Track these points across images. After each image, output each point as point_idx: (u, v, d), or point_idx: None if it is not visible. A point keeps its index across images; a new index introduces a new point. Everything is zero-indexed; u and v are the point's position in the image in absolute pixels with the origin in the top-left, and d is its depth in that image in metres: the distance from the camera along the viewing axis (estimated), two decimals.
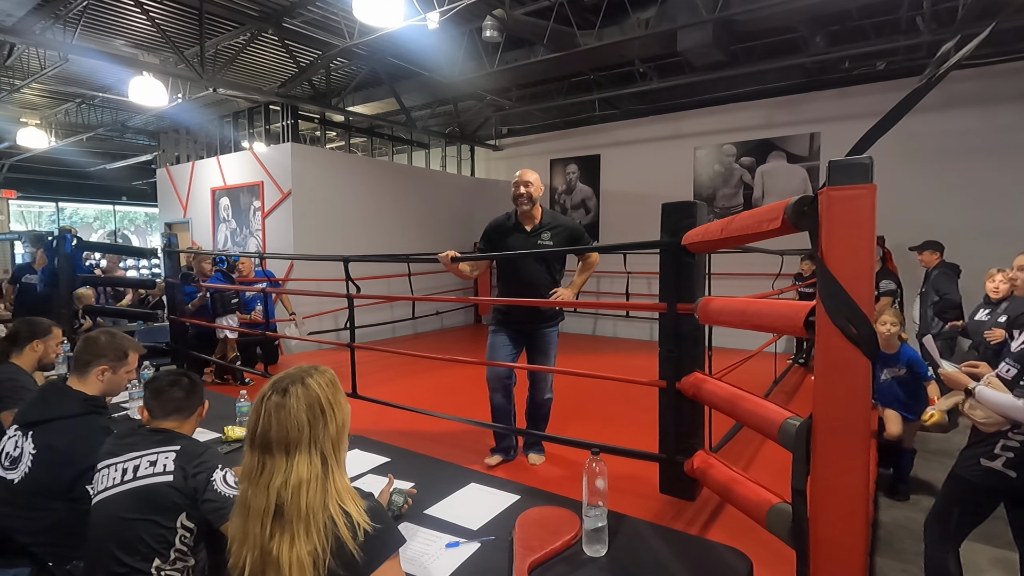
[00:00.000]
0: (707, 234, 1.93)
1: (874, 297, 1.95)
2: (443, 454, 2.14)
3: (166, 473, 1.48)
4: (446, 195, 9.62)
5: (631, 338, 8.38)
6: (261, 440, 1.05)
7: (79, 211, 13.77)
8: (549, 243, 3.04)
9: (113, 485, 1.48)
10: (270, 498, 1.01)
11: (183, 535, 1.47)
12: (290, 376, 1.11)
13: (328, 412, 1.09)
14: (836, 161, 1.22)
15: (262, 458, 1.04)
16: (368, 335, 7.37)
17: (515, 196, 3.05)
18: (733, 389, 1.85)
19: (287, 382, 1.09)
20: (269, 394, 1.07)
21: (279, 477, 1.02)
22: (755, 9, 4.84)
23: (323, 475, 1.05)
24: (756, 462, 3.37)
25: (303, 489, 1.02)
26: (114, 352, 1.94)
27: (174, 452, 1.53)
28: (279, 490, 1.01)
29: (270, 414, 1.05)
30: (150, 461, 1.50)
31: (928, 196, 6.25)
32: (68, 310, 4.98)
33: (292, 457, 1.03)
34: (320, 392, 1.09)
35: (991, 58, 5.82)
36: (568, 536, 1.39)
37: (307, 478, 1.02)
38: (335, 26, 5.96)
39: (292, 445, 1.04)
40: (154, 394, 1.64)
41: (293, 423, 1.04)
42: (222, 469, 1.53)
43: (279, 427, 1.04)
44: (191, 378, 1.72)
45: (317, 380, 1.11)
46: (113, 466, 1.51)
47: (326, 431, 1.07)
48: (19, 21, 5.42)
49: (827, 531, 1.27)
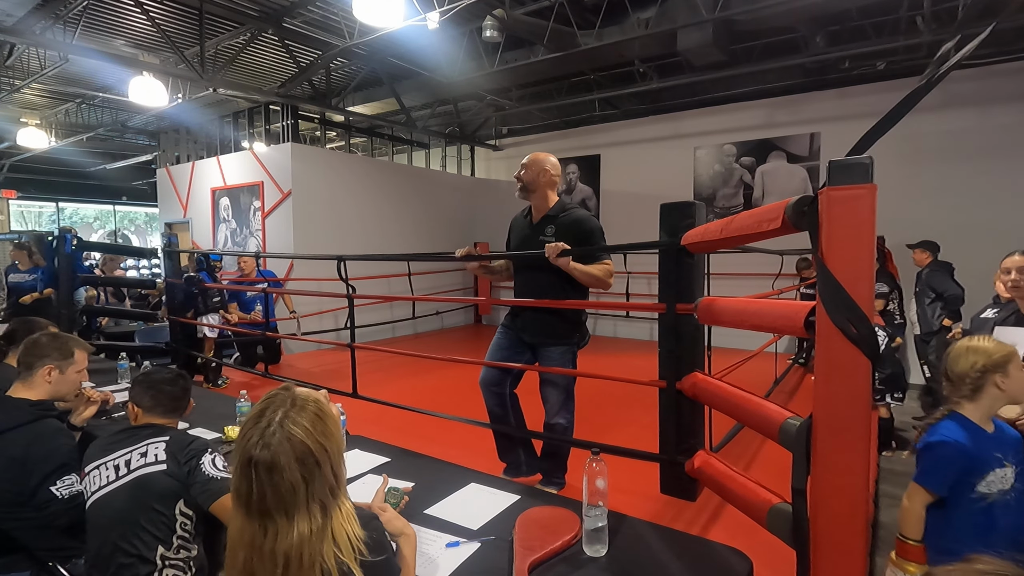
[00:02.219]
0: (707, 234, 1.93)
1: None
2: (443, 454, 2.13)
3: (159, 462, 1.52)
4: (446, 195, 9.62)
5: (631, 338, 8.38)
6: (259, 506, 0.96)
7: (79, 211, 13.77)
8: (551, 238, 2.59)
9: (108, 483, 1.50)
10: (278, 563, 0.95)
11: (183, 522, 1.50)
12: (269, 425, 0.98)
13: (321, 458, 0.99)
14: (836, 161, 1.22)
15: (263, 524, 0.96)
16: (368, 334, 7.38)
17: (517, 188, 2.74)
18: (733, 389, 1.85)
19: (270, 434, 0.97)
20: (255, 454, 0.96)
21: (284, 541, 0.96)
22: (755, 9, 4.83)
23: (323, 525, 0.99)
24: (757, 462, 3.38)
25: (305, 546, 0.96)
26: (58, 351, 1.90)
27: (164, 442, 1.56)
28: (287, 552, 0.95)
29: (263, 481, 0.95)
30: (141, 453, 1.54)
31: (928, 196, 6.25)
32: (68, 310, 4.98)
33: (292, 518, 0.96)
34: (308, 439, 0.98)
35: (991, 58, 5.82)
36: (568, 536, 1.39)
37: (307, 535, 0.96)
38: (335, 26, 5.96)
39: (291, 507, 0.97)
40: (148, 388, 1.66)
41: (288, 486, 0.95)
42: (211, 452, 1.56)
43: (274, 493, 0.95)
44: (185, 377, 1.78)
45: (302, 424, 0.99)
46: (103, 466, 1.54)
47: (323, 479, 0.99)
48: (19, 21, 5.42)
49: (827, 531, 1.27)
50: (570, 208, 2.71)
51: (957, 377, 1.58)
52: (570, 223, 2.63)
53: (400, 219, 8.64)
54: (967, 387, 1.56)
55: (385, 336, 8.28)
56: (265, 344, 5.70)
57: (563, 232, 2.60)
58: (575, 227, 2.61)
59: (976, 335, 1.69)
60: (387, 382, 5.34)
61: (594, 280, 2.51)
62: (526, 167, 2.67)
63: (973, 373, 1.54)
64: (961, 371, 1.56)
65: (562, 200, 2.74)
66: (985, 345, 1.58)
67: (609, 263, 2.56)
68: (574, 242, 2.52)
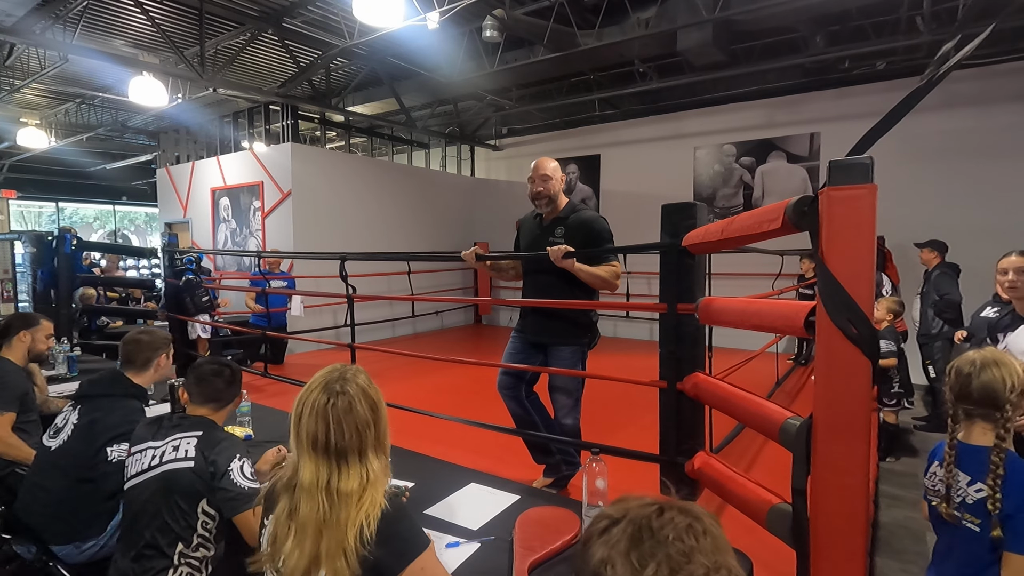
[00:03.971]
0: (707, 235, 1.93)
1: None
2: (443, 454, 2.13)
3: (187, 459, 1.53)
4: (446, 195, 9.62)
5: (631, 338, 8.38)
6: (336, 447, 1.05)
7: (79, 211, 13.77)
8: (561, 240, 2.57)
9: (143, 470, 1.55)
10: (342, 504, 1.02)
11: (204, 521, 1.51)
12: (337, 375, 1.12)
13: (380, 408, 1.13)
14: (836, 161, 1.22)
15: (337, 464, 1.05)
16: (368, 333, 7.37)
17: (532, 196, 2.64)
18: (733, 389, 1.85)
19: (339, 383, 1.10)
20: (328, 399, 1.07)
21: (354, 481, 1.04)
22: (755, 9, 4.83)
23: (386, 470, 1.11)
24: (757, 463, 3.37)
25: (375, 485, 1.06)
26: (157, 347, 2.14)
27: (195, 438, 1.58)
28: (355, 494, 1.03)
29: (340, 419, 1.05)
30: (174, 447, 1.56)
31: (928, 196, 6.25)
32: (67, 310, 4.98)
33: (365, 458, 1.07)
34: (370, 390, 1.13)
35: (991, 58, 5.82)
36: (568, 536, 1.39)
37: (379, 474, 1.07)
38: (335, 26, 5.96)
39: (366, 446, 1.07)
40: (194, 378, 1.71)
41: (364, 424, 1.07)
42: (240, 459, 1.56)
43: (350, 431, 1.06)
44: (232, 369, 1.79)
45: (364, 378, 1.15)
46: (144, 452, 1.58)
47: (380, 430, 1.12)
48: (19, 21, 5.42)
49: (827, 531, 1.27)
50: (580, 209, 2.71)
51: (992, 399, 1.40)
52: (579, 224, 2.62)
53: (400, 219, 8.64)
54: (1010, 410, 1.37)
55: (385, 336, 8.28)
56: (270, 343, 5.70)
57: (572, 233, 2.59)
58: (584, 228, 2.60)
59: (992, 350, 1.55)
60: (387, 382, 5.30)
61: (600, 282, 2.52)
62: (549, 179, 2.61)
63: (1013, 396, 1.38)
64: (997, 393, 1.38)
65: (572, 201, 2.74)
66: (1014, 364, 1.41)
67: (616, 264, 2.55)
68: (583, 243, 2.52)
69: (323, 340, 6.33)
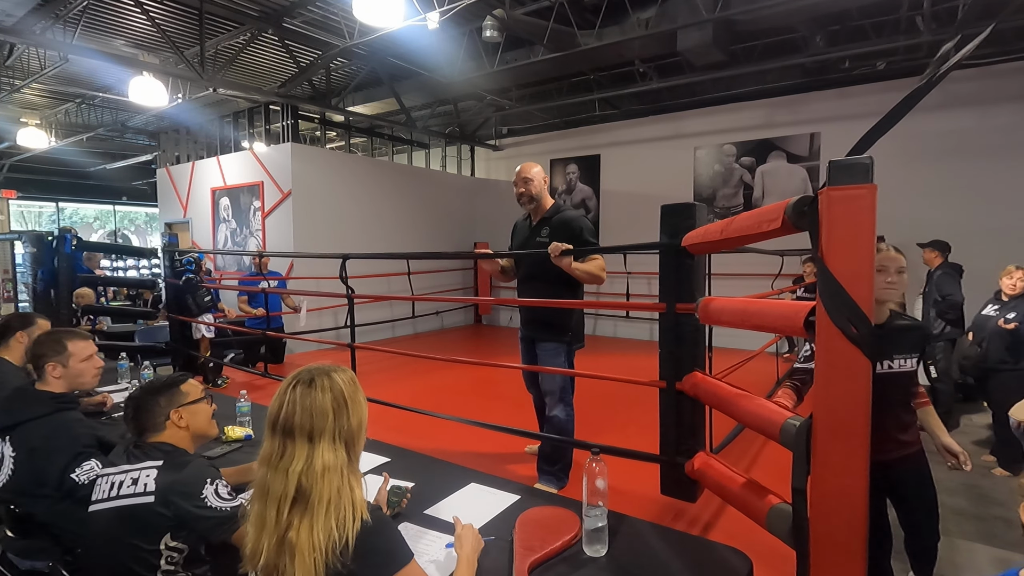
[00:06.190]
0: (707, 235, 1.93)
1: None
2: (443, 454, 2.13)
3: (147, 494, 1.37)
4: (446, 195, 9.62)
5: (631, 338, 8.38)
6: (284, 425, 1.08)
7: (79, 211, 13.77)
8: (547, 239, 2.76)
9: (103, 499, 1.40)
10: (289, 483, 1.04)
11: (169, 556, 1.37)
12: (314, 369, 1.14)
13: (351, 406, 1.13)
14: (836, 161, 1.22)
15: (283, 442, 1.07)
16: (368, 333, 7.37)
17: (517, 196, 2.92)
18: (733, 389, 1.84)
19: (312, 374, 1.13)
20: (293, 383, 1.11)
21: (299, 463, 1.05)
22: (755, 9, 4.83)
23: (348, 466, 1.09)
24: (758, 463, 3.37)
25: (329, 475, 1.05)
26: (53, 349, 1.95)
27: (155, 469, 1.40)
28: (300, 475, 1.04)
29: (295, 401, 1.08)
30: (133, 479, 1.39)
31: (928, 196, 6.25)
32: (67, 310, 4.98)
33: (316, 444, 1.07)
34: (344, 387, 1.13)
35: (991, 58, 5.81)
36: (568, 536, 1.39)
37: (332, 465, 1.06)
38: (335, 26, 5.96)
39: (316, 433, 1.07)
40: (130, 420, 1.51)
41: (319, 410, 1.08)
42: (212, 483, 1.41)
43: (303, 413, 1.07)
44: (150, 392, 1.54)
45: (340, 376, 1.15)
46: (107, 478, 1.43)
47: (349, 424, 1.11)
48: (19, 21, 5.42)
49: (827, 531, 1.27)
50: (564, 209, 2.93)
51: None
52: (561, 224, 2.82)
53: (400, 219, 8.64)
54: None
55: (385, 336, 8.28)
56: (270, 344, 5.70)
57: (555, 232, 2.79)
58: (566, 227, 2.80)
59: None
60: (387, 382, 5.34)
61: (590, 276, 2.70)
62: (530, 181, 2.85)
63: None
64: None
65: (557, 202, 2.95)
66: None
67: (599, 258, 2.73)
68: (566, 240, 2.68)
69: (323, 340, 6.33)
